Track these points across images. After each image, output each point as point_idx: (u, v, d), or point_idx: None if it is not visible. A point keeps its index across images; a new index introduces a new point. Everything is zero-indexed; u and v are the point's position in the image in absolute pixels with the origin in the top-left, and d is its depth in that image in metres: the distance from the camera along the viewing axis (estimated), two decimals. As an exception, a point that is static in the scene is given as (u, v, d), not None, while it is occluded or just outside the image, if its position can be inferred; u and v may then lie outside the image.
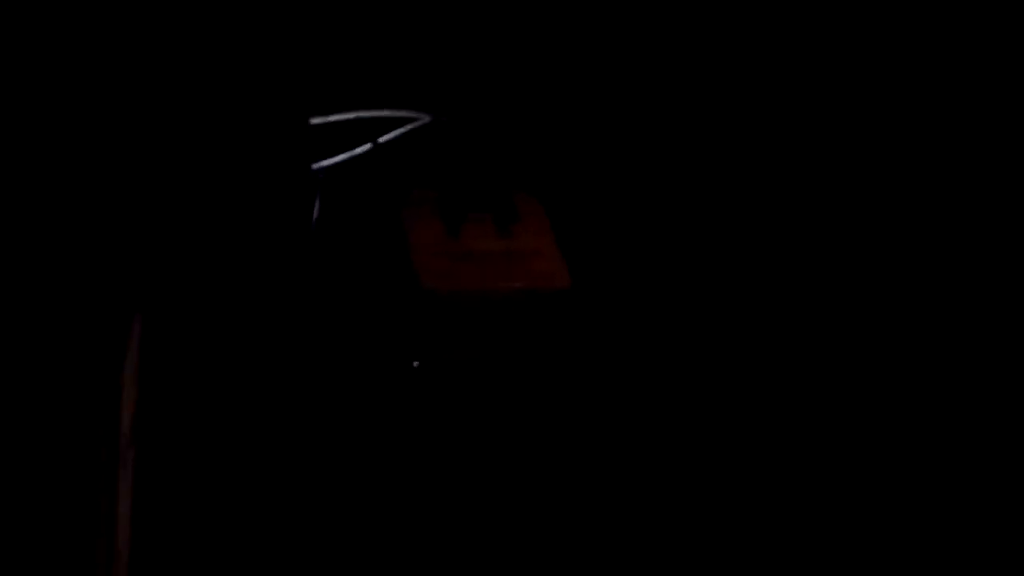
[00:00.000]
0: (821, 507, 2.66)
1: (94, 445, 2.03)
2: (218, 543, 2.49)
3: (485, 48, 2.89)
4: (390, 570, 2.55)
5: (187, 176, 2.69)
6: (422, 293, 2.71)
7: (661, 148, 2.98)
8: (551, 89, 2.93)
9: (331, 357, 2.75)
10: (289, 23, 2.80)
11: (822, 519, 2.63)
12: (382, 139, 2.83)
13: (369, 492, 2.63)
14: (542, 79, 2.92)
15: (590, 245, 2.88)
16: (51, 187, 2.44)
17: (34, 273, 2.30)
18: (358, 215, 2.85)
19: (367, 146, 2.82)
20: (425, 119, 2.84)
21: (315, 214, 2.79)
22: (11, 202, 2.41)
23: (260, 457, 2.59)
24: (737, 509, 2.67)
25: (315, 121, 2.80)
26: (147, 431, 2.26)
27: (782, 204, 2.96)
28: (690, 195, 2.98)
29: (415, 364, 2.70)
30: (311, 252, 2.80)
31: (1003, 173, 2.95)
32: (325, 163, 2.81)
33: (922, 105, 2.97)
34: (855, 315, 2.89)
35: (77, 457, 2.06)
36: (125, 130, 2.58)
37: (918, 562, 2.56)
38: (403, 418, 2.72)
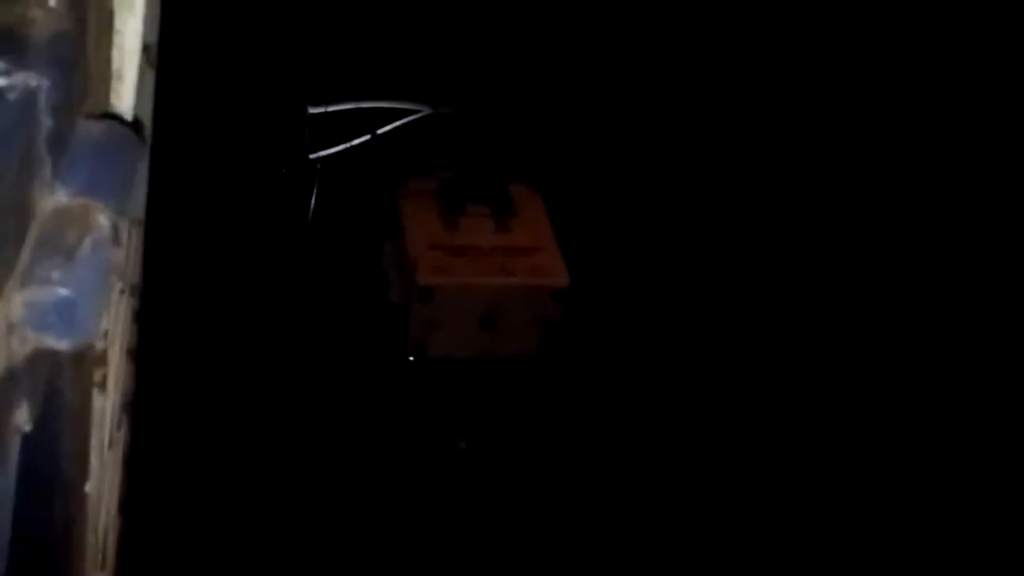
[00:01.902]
0: (821, 503, 2.64)
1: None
2: (211, 526, 2.46)
3: (486, 40, 2.88)
4: (393, 557, 2.53)
5: (185, 164, 2.68)
6: (416, 287, 2.69)
7: (663, 141, 2.96)
8: (552, 82, 2.91)
9: (324, 349, 2.73)
10: (289, 13, 2.79)
11: (822, 515, 2.61)
12: (381, 130, 2.81)
13: (365, 485, 2.60)
14: (543, 72, 2.91)
15: (591, 240, 2.86)
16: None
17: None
18: (356, 206, 2.83)
19: (366, 137, 2.80)
20: (425, 111, 2.82)
21: (312, 204, 2.77)
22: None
23: (257, 440, 2.57)
24: (737, 503, 2.65)
25: (314, 111, 2.78)
26: (141, 410, 2.23)
27: (784, 198, 2.95)
28: (694, 188, 2.96)
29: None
30: (307, 243, 2.78)
31: (1003, 174, 2.96)
32: (323, 153, 2.79)
33: (925, 107, 2.98)
34: (853, 311, 2.88)
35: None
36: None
37: (918, 562, 2.54)
38: (399, 412, 2.70)
